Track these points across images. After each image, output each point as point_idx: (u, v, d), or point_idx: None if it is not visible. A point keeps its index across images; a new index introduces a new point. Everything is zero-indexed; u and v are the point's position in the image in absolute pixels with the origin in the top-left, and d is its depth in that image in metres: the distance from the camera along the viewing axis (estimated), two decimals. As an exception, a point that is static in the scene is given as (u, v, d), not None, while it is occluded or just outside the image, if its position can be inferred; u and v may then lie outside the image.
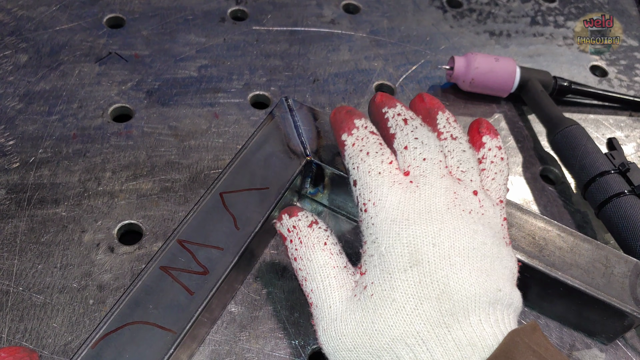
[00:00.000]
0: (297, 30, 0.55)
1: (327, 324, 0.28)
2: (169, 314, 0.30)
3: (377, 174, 0.30)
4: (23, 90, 0.45)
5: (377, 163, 0.30)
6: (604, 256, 0.36)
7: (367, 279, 0.28)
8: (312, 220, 0.32)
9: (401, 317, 0.26)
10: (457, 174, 0.31)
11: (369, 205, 0.29)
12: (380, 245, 0.28)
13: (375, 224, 0.29)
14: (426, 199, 0.29)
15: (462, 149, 0.32)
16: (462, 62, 0.50)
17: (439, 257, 0.27)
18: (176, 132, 0.45)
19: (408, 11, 0.60)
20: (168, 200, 0.40)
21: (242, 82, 0.49)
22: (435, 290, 0.26)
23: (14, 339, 0.33)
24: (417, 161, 0.30)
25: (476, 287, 0.26)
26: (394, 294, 0.27)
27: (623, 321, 0.35)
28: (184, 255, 0.33)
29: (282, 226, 0.32)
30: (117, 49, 0.50)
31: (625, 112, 0.55)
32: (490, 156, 0.33)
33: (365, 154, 0.31)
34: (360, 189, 0.30)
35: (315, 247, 0.31)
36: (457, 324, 0.25)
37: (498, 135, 0.34)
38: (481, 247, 0.28)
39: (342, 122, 0.33)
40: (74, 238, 0.38)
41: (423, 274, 0.26)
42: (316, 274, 0.30)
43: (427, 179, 0.29)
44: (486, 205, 0.30)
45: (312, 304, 0.30)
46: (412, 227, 0.28)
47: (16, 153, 0.41)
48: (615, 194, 0.41)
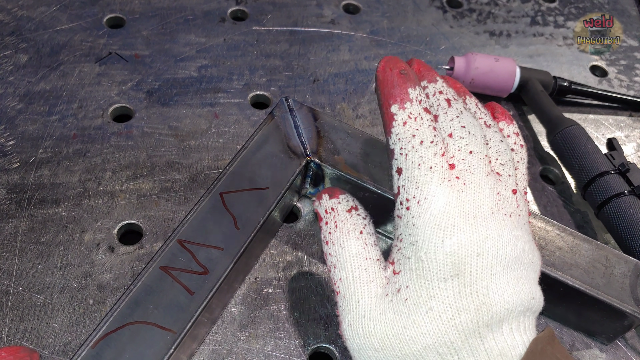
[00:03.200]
0: (297, 30, 0.55)
1: (354, 319, 0.27)
2: (169, 314, 0.30)
3: (428, 169, 0.27)
4: (23, 90, 0.45)
5: (429, 155, 0.27)
6: (604, 256, 0.36)
7: (402, 282, 0.27)
8: (352, 206, 0.30)
9: (436, 326, 0.25)
10: (497, 167, 0.29)
11: (412, 202, 0.27)
12: (419, 249, 0.26)
13: (416, 225, 0.26)
14: (472, 202, 0.26)
15: (499, 138, 0.30)
16: (462, 62, 0.50)
17: (482, 268, 0.25)
18: (176, 132, 0.45)
19: (408, 11, 0.60)
20: (168, 200, 0.40)
21: (242, 82, 0.49)
22: (475, 301, 0.25)
23: (14, 339, 0.33)
24: (462, 153, 0.27)
25: (514, 297, 0.26)
26: (430, 302, 0.25)
27: (623, 321, 0.35)
28: (184, 255, 0.33)
29: (321, 206, 0.31)
30: (117, 49, 0.50)
31: (625, 112, 0.55)
32: (510, 143, 0.31)
33: (418, 142, 0.27)
34: (404, 181, 0.27)
35: (350, 234, 0.29)
36: (491, 334, 0.25)
37: (514, 121, 0.32)
38: (521, 255, 0.27)
39: (394, 86, 0.28)
40: (74, 238, 0.38)
41: (464, 285, 0.25)
42: (347, 262, 0.28)
43: (474, 177, 0.27)
44: (521, 205, 0.28)
45: (339, 293, 0.28)
46: (458, 235, 0.26)
47: (16, 153, 0.41)
48: (615, 194, 0.41)
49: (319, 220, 0.31)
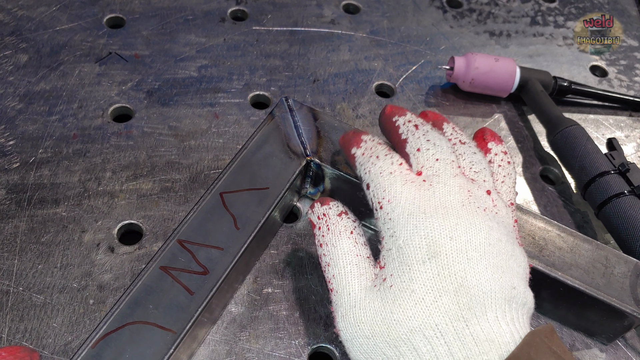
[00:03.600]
0: (297, 30, 0.55)
1: (345, 311, 0.29)
2: (169, 314, 0.30)
3: (389, 174, 0.30)
4: (23, 90, 0.45)
5: (387, 164, 0.31)
6: (604, 256, 0.36)
7: (387, 272, 0.29)
8: (342, 210, 0.33)
9: (420, 308, 0.26)
10: (471, 175, 0.31)
11: (384, 202, 0.30)
12: (397, 238, 0.28)
13: (392, 219, 0.29)
14: (440, 196, 0.29)
15: (472, 151, 0.33)
16: (462, 62, 0.50)
17: (456, 251, 0.27)
18: (176, 132, 0.45)
19: (408, 11, 0.60)
20: (168, 200, 0.40)
21: (242, 82, 0.49)
22: (453, 283, 0.26)
23: (14, 339, 0.33)
24: (430, 162, 0.31)
25: (492, 282, 0.27)
26: (412, 285, 0.27)
27: (623, 321, 0.35)
28: (184, 255, 0.33)
29: (313, 213, 0.33)
30: (117, 49, 0.50)
31: (625, 112, 0.55)
32: (497, 160, 0.34)
33: (375, 158, 0.31)
34: (373, 190, 0.31)
35: (341, 234, 0.31)
36: (475, 319, 0.26)
37: (502, 142, 0.35)
38: (497, 243, 0.28)
39: (350, 139, 0.34)
40: (74, 238, 0.38)
41: (441, 267, 0.27)
42: (339, 259, 0.30)
43: (441, 178, 0.30)
44: (499, 205, 0.30)
45: (333, 290, 0.30)
46: (429, 220, 0.28)
47: (16, 153, 0.41)
48: (615, 195, 0.41)
49: (312, 227, 0.33)
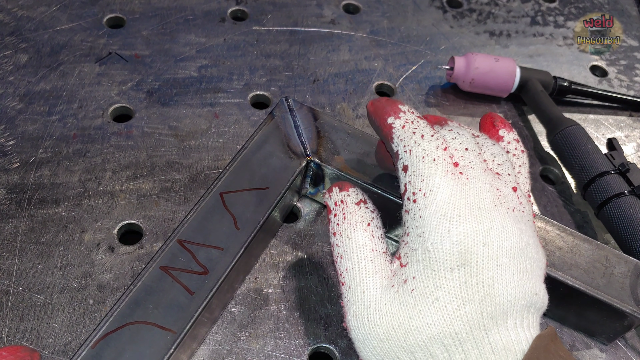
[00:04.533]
0: (297, 30, 0.55)
1: (359, 309, 0.27)
2: (169, 314, 0.30)
3: (432, 161, 0.28)
4: (23, 90, 0.45)
5: (432, 148, 0.28)
6: (604, 256, 0.36)
7: (408, 273, 0.27)
8: (361, 199, 0.31)
9: (442, 316, 0.25)
10: (494, 168, 0.30)
11: (418, 195, 0.27)
12: (426, 240, 0.27)
13: (423, 217, 0.27)
14: (475, 194, 0.27)
15: (491, 142, 0.31)
16: (462, 62, 0.50)
17: (487, 258, 0.26)
18: (176, 132, 0.45)
19: (408, 11, 0.60)
20: (168, 200, 0.40)
21: (242, 82, 0.49)
22: (480, 292, 0.25)
23: (14, 339, 0.33)
24: (460, 151, 0.29)
25: (518, 290, 0.26)
26: (437, 292, 0.26)
27: (623, 321, 0.35)
28: (184, 255, 0.33)
29: (330, 198, 0.31)
30: (117, 49, 0.50)
31: (625, 112, 0.55)
32: (511, 149, 0.32)
33: (419, 137, 0.28)
34: (411, 176, 0.28)
35: (357, 225, 0.29)
36: (495, 327, 0.25)
37: (513, 129, 0.33)
38: (526, 247, 0.27)
39: (385, 107, 0.30)
40: (74, 238, 0.38)
41: (470, 275, 0.25)
42: (353, 253, 0.29)
43: (475, 172, 0.28)
44: (524, 202, 0.29)
45: (344, 284, 0.29)
46: (464, 225, 0.26)
47: (16, 153, 0.41)
48: (615, 195, 0.41)
49: (328, 212, 0.31)
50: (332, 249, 0.30)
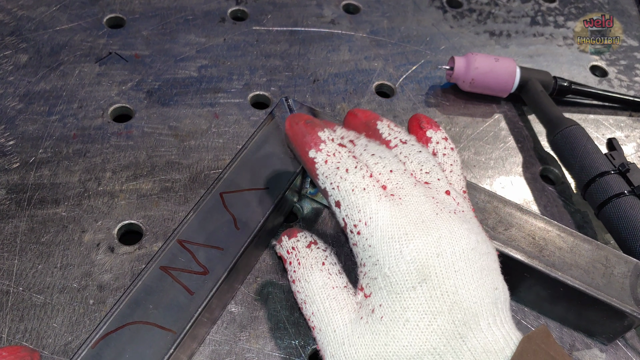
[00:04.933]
0: (297, 30, 0.55)
1: (334, 350, 0.28)
2: (169, 314, 0.30)
3: (362, 190, 0.28)
4: (23, 90, 0.45)
5: (358, 179, 0.28)
6: (604, 256, 0.36)
7: (374, 302, 0.27)
8: (311, 241, 0.31)
9: (416, 335, 0.25)
10: (423, 177, 0.30)
11: (360, 226, 0.28)
12: (382, 266, 0.27)
13: (372, 245, 0.27)
14: (414, 210, 0.27)
15: (417, 150, 0.31)
16: (462, 62, 0.50)
17: (444, 267, 0.26)
18: (176, 132, 0.45)
19: (408, 11, 0.60)
20: (168, 200, 0.40)
21: (242, 82, 0.49)
22: (447, 302, 0.25)
23: (14, 339, 0.33)
24: (384, 174, 0.29)
25: (480, 290, 0.26)
26: (406, 314, 0.26)
27: (623, 321, 0.35)
28: (184, 255, 0.33)
29: (282, 248, 0.32)
30: (117, 49, 0.50)
31: (625, 112, 0.55)
32: (440, 149, 0.33)
33: (344, 171, 0.28)
34: (346, 210, 0.28)
35: (313, 267, 0.30)
36: (471, 333, 0.25)
37: (440, 128, 0.34)
38: (476, 246, 0.27)
39: (305, 136, 0.30)
40: (74, 238, 0.38)
41: (433, 288, 0.26)
42: (315, 295, 0.29)
43: (405, 190, 0.28)
44: (461, 202, 0.29)
45: (315, 327, 0.29)
46: (413, 242, 0.26)
47: (16, 153, 0.41)
48: (615, 195, 0.41)
49: (283, 262, 0.32)
50: (295, 297, 0.31)
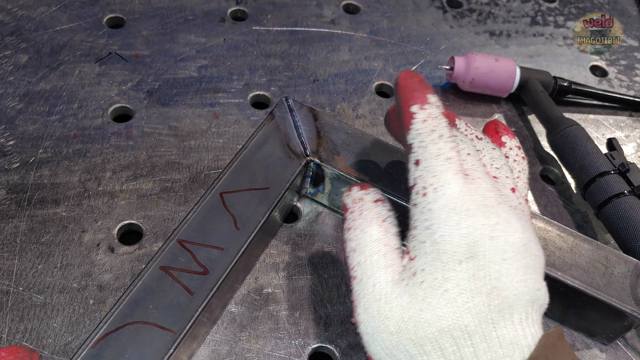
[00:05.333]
0: (297, 30, 0.55)
1: (369, 303, 0.28)
2: (169, 314, 0.30)
3: (446, 159, 0.28)
4: (23, 90, 0.45)
5: (448, 148, 0.28)
6: (604, 256, 0.36)
7: (417, 265, 0.27)
8: (380, 198, 0.31)
9: (451, 309, 0.26)
10: (492, 171, 0.31)
11: (429, 189, 0.28)
12: (434, 232, 0.27)
13: (432, 210, 0.27)
14: (481, 193, 0.28)
15: (491, 147, 0.32)
16: (462, 62, 0.50)
17: (494, 251, 0.26)
18: (176, 132, 0.45)
19: (408, 11, 0.60)
20: (168, 200, 0.40)
21: (242, 82, 0.49)
22: (487, 285, 0.26)
23: (14, 339, 0.33)
24: (462, 155, 0.30)
25: (523, 284, 0.26)
26: (446, 284, 0.26)
27: (623, 321, 0.35)
28: (184, 255, 0.33)
29: (349, 197, 0.32)
30: (117, 49, 0.50)
31: (625, 112, 0.55)
32: (512, 155, 0.33)
33: (437, 136, 0.29)
34: (422, 171, 0.28)
35: (373, 221, 0.30)
36: (502, 321, 0.25)
37: (515, 136, 0.35)
38: (529, 243, 0.28)
39: (415, 90, 0.30)
40: (74, 238, 0.38)
41: (478, 267, 0.26)
42: (366, 247, 0.29)
43: (478, 173, 0.29)
44: (522, 203, 0.30)
45: (356, 277, 0.29)
46: (472, 219, 0.27)
47: (16, 153, 0.41)
48: (615, 195, 0.41)
49: (344, 211, 0.32)
50: (345, 244, 0.31)
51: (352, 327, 0.36)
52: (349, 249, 0.30)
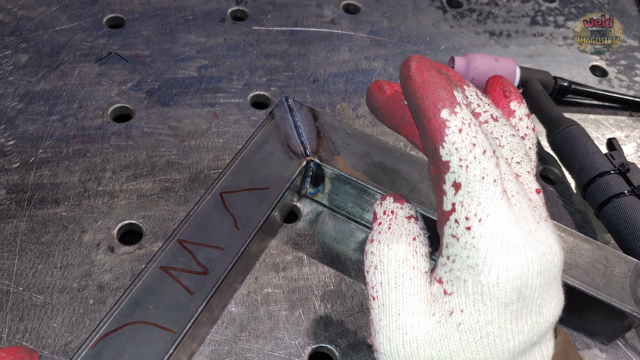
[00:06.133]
0: (297, 30, 0.55)
1: (394, 335, 0.25)
2: (169, 314, 0.30)
3: (492, 182, 0.23)
4: (23, 90, 0.45)
5: (492, 166, 0.23)
6: (604, 256, 0.36)
7: (454, 304, 0.24)
8: (413, 215, 0.27)
9: (489, 352, 0.23)
10: (515, 169, 0.27)
11: (473, 221, 0.23)
12: (480, 273, 0.23)
13: (477, 247, 0.23)
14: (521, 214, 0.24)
15: (510, 132, 0.27)
16: (462, 62, 0.50)
17: (540, 286, 0.24)
18: (176, 132, 0.45)
19: (408, 11, 0.60)
20: (168, 200, 0.40)
21: (242, 82, 0.49)
22: (529, 322, 0.24)
23: (14, 339, 0.33)
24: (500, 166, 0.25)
25: (557, 309, 0.25)
26: (487, 328, 0.23)
27: (623, 321, 0.35)
28: (184, 255, 0.33)
29: (381, 206, 0.28)
30: (117, 49, 0.50)
31: (625, 112, 0.55)
32: (522, 128, 0.29)
33: (480, 152, 0.23)
34: (464, 197, 0.23)
35: (402, 237, 0.26)
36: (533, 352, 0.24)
37: (524, 100, 0.29)
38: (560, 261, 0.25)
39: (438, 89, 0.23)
40: (74, 238, 0.38)
41: (522, 306, 0.23)
42: (391, 266, 0.26)
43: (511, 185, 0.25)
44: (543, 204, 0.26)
45: (376, 298, 0.26)
46: (523, 257, 0.23)
47: (16, 153, 0.41)
48: (615, 195, 0.41)
49: (373, 220, 0.28)
50: (365, 257, 0.27)
51: (352, 328, 0.36)
52: (369, 263, 0.26)
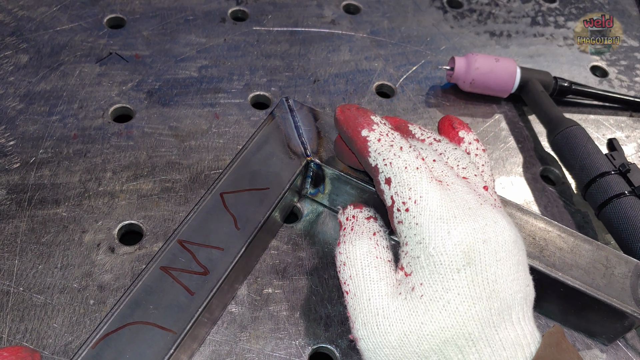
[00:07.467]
0: (297, 30, 0.55)
1: (367, 318, 0.27)
2: (169, 314, 0.30)
3: (415, 169, 0.28)
4: (24, 90, 0.45)
5: (412, 158, 0.28)
6: (604, 257, 0.36)
7: (415, 280, 0.27)
8: (372, 216, 0.31)
9: (454, 319, 0.25)
10: (461, 173, 0.30)
11: (409, 204, 0.27)
12: (427, 245, 0.27)
13: (419, 224, 0.27)
14: (460, 197, 0.28)
15: (452, 147, 0.31)
16: (462, 63, 0.50)
17: (489, 254, 0.26)
18: (177, 132, 0.45)
19: (408, 11, 0.60)
20: (168, 200, 0.40)
21: (242, 82, 0.49)
22: (486, 289, 0.26)
23: (15, 340, 0.33)
24: (429, 163, 0.29)
25: (516, 283, 0.26)
26: (447, 295, 0.26)
27: (623, 322, 0.35)
28: (184, 256, 0.33)
29: (343, 214, 0.32)
30: (118, 50, 0.50)
31: (626, 113, 0.55)
32: (473, 149, 0.33)
33: (398, 149, 0.29)
34: (396, 187, 0.28)
35: (363, 234, 0.30)
36: (503, 323, 0.25)
37: (471, 129, 0.34)
38: (517, 239, 0.27)
39: (357, 118, 0.30)
40: (74, 238, 0.38)
41: (476, 273, 0.26)
42: (357, 259, 0.29)
43: (450, 178, 0.29)
44: (497, 199, 0.30)
45: (349, 292, 0.29)
46: (462, 225, 0.26)
47: (17, 153, 0.41)
48: (615, 195, 0.41)
49: (340, 229, 0.32)
50: (335, 259, 0.31)
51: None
52: (340, 262, 0.30)
